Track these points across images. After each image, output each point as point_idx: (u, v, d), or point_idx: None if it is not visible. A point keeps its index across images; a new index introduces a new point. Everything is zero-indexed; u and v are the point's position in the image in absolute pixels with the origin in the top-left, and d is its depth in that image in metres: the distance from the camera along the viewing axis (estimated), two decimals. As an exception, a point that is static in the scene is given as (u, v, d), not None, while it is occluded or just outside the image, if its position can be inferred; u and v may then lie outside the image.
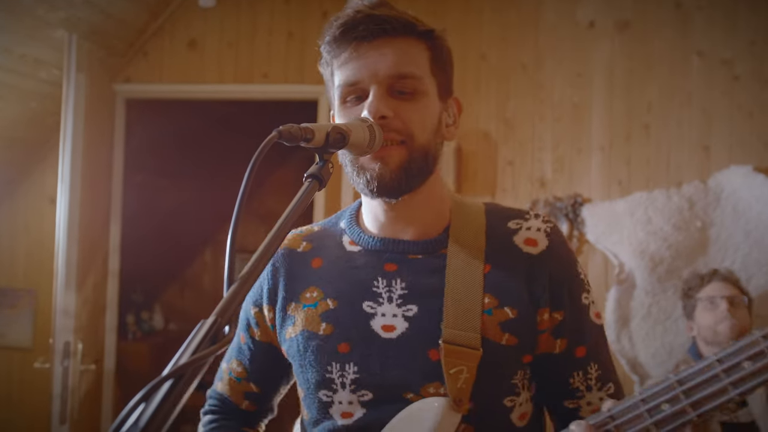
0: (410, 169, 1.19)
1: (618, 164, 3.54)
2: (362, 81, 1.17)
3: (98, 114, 3.54)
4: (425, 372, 1.18)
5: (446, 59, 1.26)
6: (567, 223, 3.55)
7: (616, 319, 3.46)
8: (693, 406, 0.96)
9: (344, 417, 1.23)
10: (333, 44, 1.18)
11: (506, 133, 3.62)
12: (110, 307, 3.80)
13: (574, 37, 3.58)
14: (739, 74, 3.43)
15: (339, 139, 1.05)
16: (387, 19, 1.15)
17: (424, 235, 1.26)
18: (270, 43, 3.75)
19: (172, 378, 0.73)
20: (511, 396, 1.22)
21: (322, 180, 1.02)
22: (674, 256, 3.39)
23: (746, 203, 3.35)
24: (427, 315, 1.20)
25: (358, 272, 1.27)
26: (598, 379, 1.26)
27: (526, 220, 1.28)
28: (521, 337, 1.20)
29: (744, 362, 0.93)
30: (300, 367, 1.27)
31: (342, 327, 1.24)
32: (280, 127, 0.97)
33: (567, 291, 1.23)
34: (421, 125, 1.19)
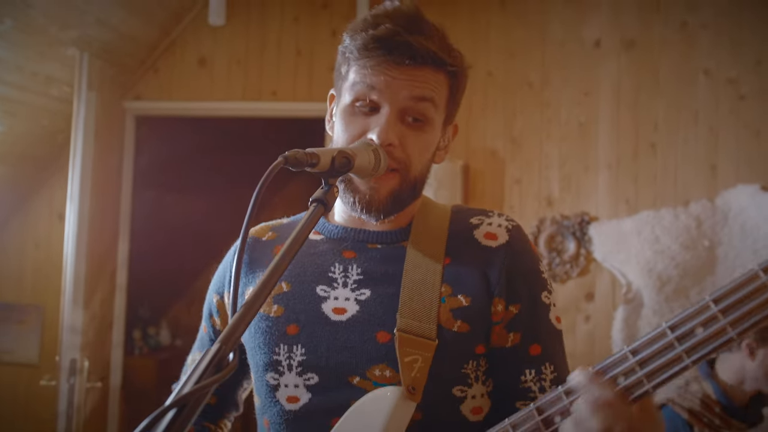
0: (399, 197, 1.21)
1: (625, 183, 3.53)
2: (380, 96, 1.16)
3: (108, 131, 3.53)
4: (372, 354, 1.17)
5: (461, 91, 1.27)
6: (574, 242, 3.54)
7: (624, 338, 3.43)
8: (648, 377, 0.93)
9: (290, 402, 1.21)
10: (362, 50, 1.16)
11: (513, 151, 3.63)
12: (117, 323, 3.77)
13: (581, 55, 3.60)
14: (745, 93, 3.44)
15: (344, 163, 1.06)
16: (421, 51, 1.14)
17: (386, 227, 1.27)
18: (279, 61, 3.75)
19: (175, 407, 0.73)
20: (461, 386, 1.19)
21: (327, 204, 1.03)
22: (682, 276, 3.38)
23: (754, 222, 3.34)
24: (379, 299, 1.20)
25: (316, 258, 1.27)
26: (553, 382, 1.22)
27: (489, 216, 1.29)
28: (473, 324, 1.18)
29: (697, 328, 0.89)
30: (251, 350, 1.26)
31: (292, 309, 1.23)
32: (286, 153, 0.98)
33: (525, 285, 1.22)
34: (420, 157, 1.20)
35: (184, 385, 0.77)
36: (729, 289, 0.88)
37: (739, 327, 0.87)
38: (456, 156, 3.58)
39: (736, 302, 0.87)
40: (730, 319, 0.88)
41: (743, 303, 0.87)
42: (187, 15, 3.76)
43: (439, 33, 1.20)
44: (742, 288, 0.86)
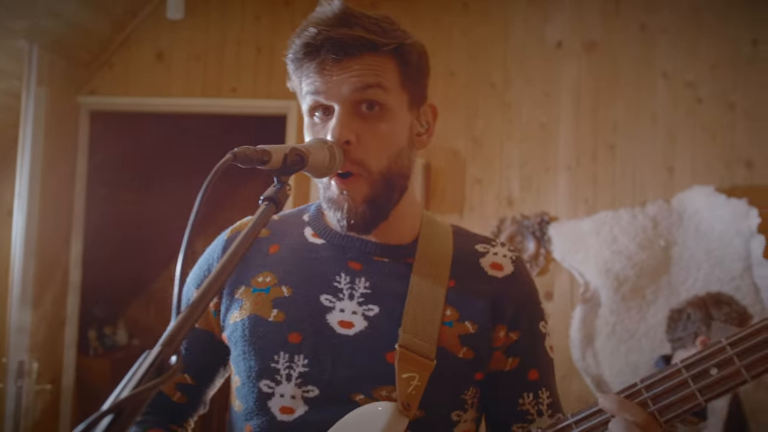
0: (377, 202, 1.17)
1: (584, 183, 3.55)
2: (327, 98, 1.14)
3: (60, 126, 3.44)
4: (379, 374, 1.15)
5: (419, 68, 1.21)
6: (534, 242, 3.55)
7: (581, 338, 3.45)
8: (660, 412, 0.97)
9: (283, 412, 1.16)
10: (296, 61, 1.15)
11: (474, 151, 3.63)
12: (70, 323, 3.69)
13: (542, 56, 3.61)
14: (702, 96, 3.48)
15: (297, 161, 1.03)
16: (347, 41, 1.11)
17: (391, 240, 1.25)
18: (239, 57, 3.71)
19: (111, 413, 0.68)
20: (459, 411, 1.20)
21: (279, 203, 1.00)
22: (638, 275, 3.40)
23: (708, 223, 3.39)
24: (387, 317, 1.18)
25: (319, 264, 1.23)
26: (549, 407, 1.25)
27: (493, 246, 1.29)
28: (478, 352, 1.19)
29: (711, 369, 0.93)
30: (242, 353, 1.20)
31: (294, 316, 1.19)
32: (235, 149, 0.95)
33: (526, 315, 1.25)
34: (382, 151, 1.16)
35: (122, 389, 0.72)
36: (747, 333, 0.92)
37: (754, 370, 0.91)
38: (417, 155, 3.54)
39: (753, 347, 0.91)
40: (745, 363, 0.92)
41: (760, 348, 0.91)
42: (144, 8, 3.68)
43: (372, 19, 1.16)
44: (760, 334, 0.91)
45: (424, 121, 1.26)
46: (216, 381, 1.38)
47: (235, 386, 1.25)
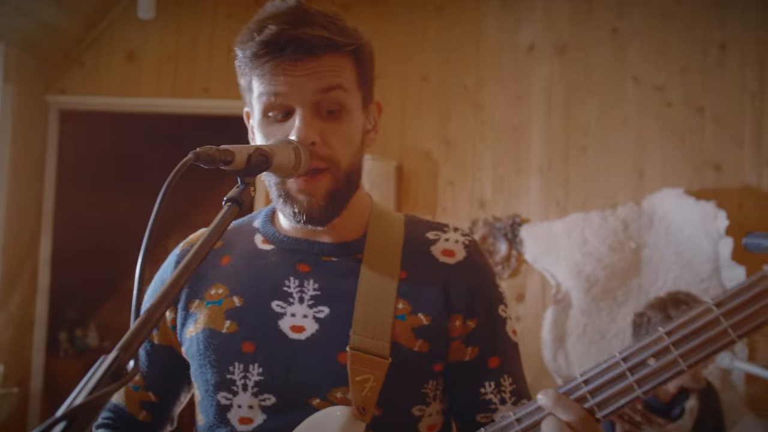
0: (337, 197, 1.17)
1: (556, 185, 3.57)
2: (288, 99, 1.12)
3: (29, 125, 3.40)
4: (333, 376, 1.13)
5: (370, 67, 1.22)
6: (506, 243, 3.55)
7: (552, 339, 3.47)
8: (599, 406, 0.95)
9: (243, 423, 1.15)
10: (254, 59, 1.11)
11: (447, 153, 3.63)
12: (39, 325, 3.64)
13: (514, 59, 3.63)
14: (672, 100, 3.51)
15: (262, 161, 1.01)
16: (312, 41, 1.09)
17: (340, 238, 1.23)
18: (210, 57, 3.68)
19: (65, 420, 0.65)
20: (421, 405, 1.18)
21: (242, 204, 0.98)
22: (609, 277, 3.41)
23: (678, 226, 3.41)
24: (338, 318, 1.16)
25: (268, 271, 1.22)
26: (512, 393, 1.23)
27: (445, 232, 1.26)
28: (433, 343, 1.17)
29: (649, 359, 0.91)
30: (199, 368, 1.19)
31: (247, 325, 1.17)
32: (197, 149, 0.93)
33: (483, 300, 1.21)
34: (346, 149, 1.16)
35: (76, 395, 0.70)
36: (682, 321, 0.89)
37: (691, 359, 0.89)
38: (390, 157, 3.58)
39: (689, 334, 0.89)
40: (681, 352, 0.89)
41: (696, 335, 0.88)
42: (114, 8, 3.65)
43: (328, 17, 1.15)
44: (695, 321, 0.89)
45: (372, 119, 1.25)
46: (181, 397, 1.37)
47: (197, 400, 1.24)
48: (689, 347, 0.89)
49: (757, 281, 0.86)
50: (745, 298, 0.85)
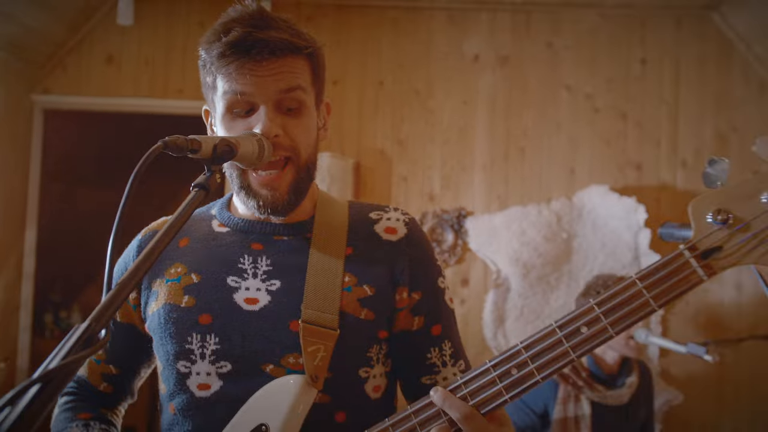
0: (298, 188, 1.17)
1: (497, 182, 3.61)
2: (252, 97, 1.11)
3: (13, 122, 3.35)
4: (286, 343, 1.13)
5: (323, 69, 1.22)
6: (452, 234, 3.58)
7: (493, 319, 3.51)
8: (538, 370, 0.95)
9: (201, 389, 1.15)
10: (221, 59, 1.10)
11: (400, 152, 3.64)
12: (24, 307, 3.59)
13: (461, 68, 3.65)
14: (599, 107, 3.58)
15: (227, 151, 1.00)
16: (276, 43, 1.09)
17: (290, 220, 1.23)
18: (184, 61, 3.65)
19: (40, 382, 0.66)
20: (366, 367, 1.19)
21: (209, 189, 0.97)
22: (543, 264, 3.47)
23: (603, 218, 3.48)
24: (289, 290, 1.16)
25: (224, 250, 1.21)
26: (451, 356, 1.25)
27: (386, 212, 1.27)
28: (378, 313, 1.18)
29: (582, 327, 0.92)
30: (160, 340, 1.19)
31: (204, 299, 1.17)
32: (166, 138, 0.91)
33: (424, 274, 1.23)
34: (306, 141, 1.16)
35: (50, 360, 0.71)
36: (610, 294, 0.92)
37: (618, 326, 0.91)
38: (348, 154, 3.57)
39: (617, 305, 0.91)
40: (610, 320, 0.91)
41: (622, 306, 0.91)
42: (96, 14, 3.60)
43: (287, 23, 1.15)
44: (622, 294, 0.91)
45: (322, 117, 1.25)
46: (141, 371, 1.35)
47: (159, 371, 1.23)
48: (617, 316, 0.90)
49: (674, 258, 0.89)
50: (663, 273, 0.89)
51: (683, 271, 0.88)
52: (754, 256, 0.86)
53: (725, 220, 0.87)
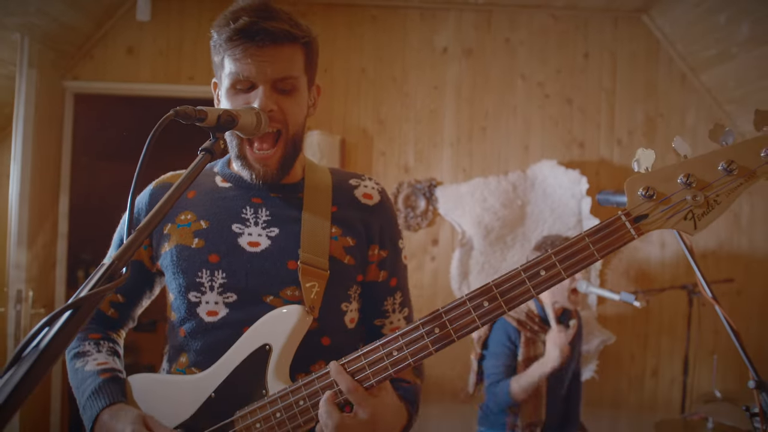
0: (286, 163, 1.20)
1: (463, 156, 3.64)
2: (252, 77, 1.12)
3: (49, 105, 3.36)
4: (284, 279, 1.17)
5: (315, 56, 1.23)
6: (424, 201, 3.60)
7: (458, 274, 3.56)
8: (506, 303, 0.99)
9: (209, 315, 1.17)
10: (229, 42, 1.11)
11: (380, 130, 3.66)
12: (60, 264, 3.65)
13: (432, 59, 3.66)
14: (549, 93, 3.62)
15: (229, 121, 1.01)
16: (277, 33, 1.11)
17: (284, 180, 1.26)
18: (195, 52, 3.65)
19: (72, 308, 0.69)
20: (346, 302, 1.25)
21: (214, 153, 0.98)
22: (501, 226, 3.52)
23: (552, 188, 3.54)
24: (287, 236, 1.19)
25: (228, 202, 1.23)
26: (400, 305, 1.33)
27: (363, 180, 1.32)
28: (357, 259, 1.24)
29: (541, 271, 0.99)
30: (173, 275, 1.21)
31: (212, 242, 1.19)
32: (177, 107, 0.92)
33: (390, 236, 1.30)
34: (295, 117, 1.18)
35: (81, 290, 0.73)
36: (564, 246, 0.98)
37: (569, 271, 0.97)
38: (335, 132, 3.58)
39: (569, 255, 0.98)
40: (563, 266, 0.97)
41: (573, 255, 0.97)
42: (118, 11, 3.61)
43: (288, 15, 1.16)
44: (573, 246, 0.98)
45: (313, 97, 1.26)
46: (143, 301, 1.36)
47: (170, 302, 1.25)
48: (569, 263, 0.98)
49: (614, 221, 0.97)
50: (605, 232, 0.97)
51: (620, 231, 0.95)
52: (672, 222, 0.95)
53: (651, 195, 0.95)
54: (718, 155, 0.93)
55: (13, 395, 0.60)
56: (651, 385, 3.61)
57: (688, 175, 0.93)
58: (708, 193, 0.93)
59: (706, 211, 0.94)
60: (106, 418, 1.12)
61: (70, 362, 1.26)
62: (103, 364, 1.24)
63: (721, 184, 0.93)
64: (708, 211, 0.94)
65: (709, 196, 0.94)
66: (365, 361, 1.03)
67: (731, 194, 0.93)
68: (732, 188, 0.93)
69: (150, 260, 1.27)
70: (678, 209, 0.94)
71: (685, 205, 0.94)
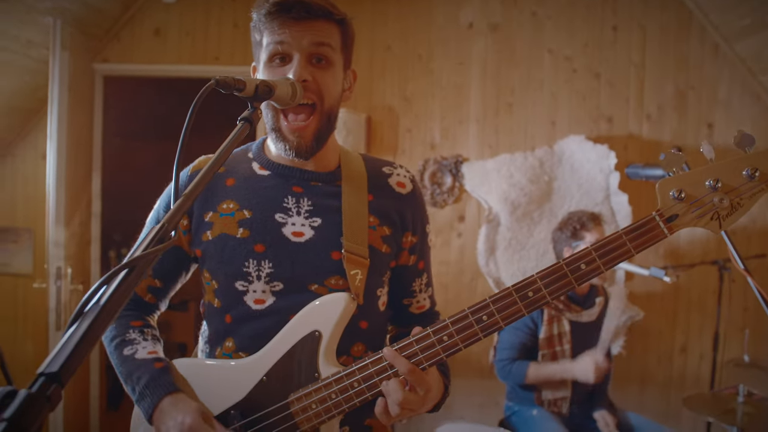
0: (320, 136, 1.22)
1: (489, 133, 3.64)
2: (289, 47, 1.15)
3: (80, 87, 3.44)
4: (328, 268, 1.21)
5: (351, 40, 1.27)
6: (450, 177, 3.62)
7: (486, 249, 3.60)
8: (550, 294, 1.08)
9: (257, 303, 1.21)
10: (267, 17, 1.15)
11: (405, 107, 3.67)
12: (94, 242, 3.76)
13: (458, 34, 3.65)
14: (577, 68, 3.58)
15: (266, 91, 1.03)
16: (313, 6, 1.14)
17: (322, 168, 1.28)
18: (220, 32, 3.69)
19: (127, 268, 0.72)
20: (380, 288, 1.30)
21: (252, 122, 1.00)
22: (528, 202, 3.53)
23: (579, 163, 3.53)
24: (329, 226, 1.23)
25: (269, 191, 1.25)
26: (426, 285, 1.41)
27: (395, 168, 1.36)
28: (392, 248, 1.29)
29: (581, 264, 1.07)
30: (218, 263, 1.23)
31: (257, 231, 1.21)
32: (218, 77, 0.95)
33: (420, 222, 1.35)
34: (330, 91, 1.20)
35: (134, 250, 0.77)
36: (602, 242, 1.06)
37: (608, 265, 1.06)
38: (361, 110, 3.61)
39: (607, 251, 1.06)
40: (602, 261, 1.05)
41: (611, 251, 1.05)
42: None
43: None
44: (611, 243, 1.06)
45: (348, 81, 1.29)
46: (176, 286, 1.37)
47: (212, 289, 1.26)
48: (607, 258, 1.06)
49: (649, 221, 1.05)
50: (641, 231, 1.05)
51: (654, 230, 1.04)
52: (700, 222, 1.05)
53: (681, 197, 1.04)
54: (742, 162, 1.02)
55: (79, 346, 0.64)
56: (680, 361, 3.61)
57: (717, 180, 1.03)
58: (733, 197, 1.02)
59: (730, 212, 1.03)
60: (167, 407, 1.15)
61: (116, 349, 1.27)
62: (153, 353, 1.26)
63: (745, 189, 1.02)
64: (732, 212, 1.03)
65: (733, 199, 1.03)
66: (417, 347, 1.11)
67: (753, 198, 1.03)
68: (754, 192, 1.02)
69: (188, 245, 1.29)
70: (706, 210, 1.04)
71: (712, 207, 1.03)
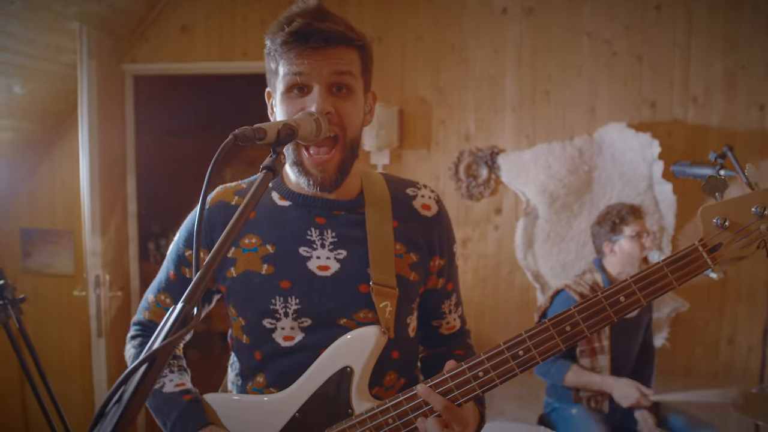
0: (344, 167, 1.19)
1: (525, 122, 3.58)
2: (308, 78, 1.12)
3: (110, 89, 3.46)
4: (356, 302, 1.19)
5: (371, 62, 1.23)
6: (486, 169, 3.59)
7: (524, 242, 3.56)
8: (588, 328, 1.07)
9: (286, 340, 1.20)
10: (284, 46, 1.11)
11: (439, 98, 3.63)
12: (132, 242, 3.81)
13: (491, 21, 3.57)
14: (617, 51, 3.47)
15: (289, 134, 1.00)
16: (332, 33, 1.11)
17: (344, 196, 1.25)
18: (246, 28, 3.66)
19: (147, 362, 0.70)
20: (410, 316, 1.30)
21: (276, 171, 0.97)
22: (567, 194, 3.48)
23: (621, 152, 3.44)
24: (355, 258, 1.21)
25: (291, 223, 1.23)
26: (455, 305, 1.41)
27: (419, 189, 1.33)
28: (421, 275, 1.28)
29: (621, 297, 1.05)
30: (244, 301, 1.22)
31: (282, 267, 1.20)
32: (236, 131, 0.91)
33: (447, 243, 1.33)
34: (353, 121, 1.17)
35: (153, 341, 0.73)
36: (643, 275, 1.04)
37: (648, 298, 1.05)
38: (393, 103, 3.58)
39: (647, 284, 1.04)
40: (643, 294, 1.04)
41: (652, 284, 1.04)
42: None
43: (341, 18, 1.17)
44: (652, 275, 1.04)
45: (368, 104, 1.26)
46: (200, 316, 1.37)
47: (239, 325, 1.25)
48: (648, 291, 1.04)
49: (691, 251, 1.03)
50: (683, 262, 1.03)
51: (697, 261, 1.02)
52: (748, 251, 1.02)
53: (725, 225, 1.01)
54: (788, 187, 1.00)
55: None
56: (727, 353, 3.53)
57: (765, 207, 1.00)
58: (782, 224, 1.00)
59: (778, 241, 1.00)
60: None
61: None
62: (181, 385, 1.27)
63: (792, 216, 1.00)
64: (781, 240, 1.00)
65: (782, 227, 1.00)
66: (453, 383, 1.10)
67: None
68: (801, 219, 1.00)
69: (212, 281, 1.28)
70: (753, 239, 1.01)
71: (759, 235, 1.01)
